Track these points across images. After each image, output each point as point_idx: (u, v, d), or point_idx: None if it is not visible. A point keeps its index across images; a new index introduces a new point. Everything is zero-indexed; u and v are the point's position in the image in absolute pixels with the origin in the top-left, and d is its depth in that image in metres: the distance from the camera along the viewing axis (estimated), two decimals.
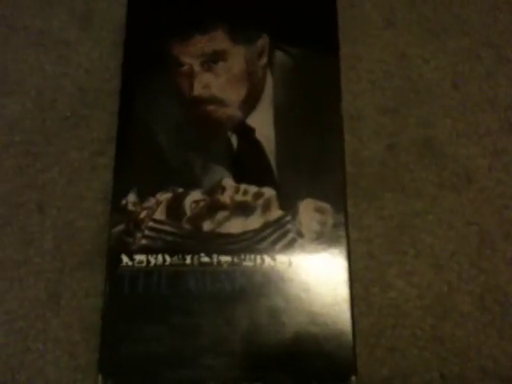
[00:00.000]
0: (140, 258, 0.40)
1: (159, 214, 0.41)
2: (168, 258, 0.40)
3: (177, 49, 0.43)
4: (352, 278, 0.40)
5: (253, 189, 0.41)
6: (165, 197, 0.41)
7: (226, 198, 0.41)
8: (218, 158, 0.42)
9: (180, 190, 0.41)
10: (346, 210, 0.41)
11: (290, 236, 0.40)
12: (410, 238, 0.43)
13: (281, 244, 0.40)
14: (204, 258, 0.40)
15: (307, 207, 0.40)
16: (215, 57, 0.43)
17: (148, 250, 0.40)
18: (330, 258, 0.40)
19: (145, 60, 0.44)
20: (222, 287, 0.39)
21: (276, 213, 0.40)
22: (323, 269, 0.39)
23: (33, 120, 0.46)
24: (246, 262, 0.39)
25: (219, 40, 0.43)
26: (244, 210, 0.40)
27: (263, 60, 0.44)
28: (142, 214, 0.40)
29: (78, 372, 0.40)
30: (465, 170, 0.44)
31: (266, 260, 0.40)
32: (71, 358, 0.40)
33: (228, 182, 0.41)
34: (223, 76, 0.43)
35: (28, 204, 0.44)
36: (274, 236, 0.40)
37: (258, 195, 0.41)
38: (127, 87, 0.43)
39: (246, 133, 0.42)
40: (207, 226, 0.40)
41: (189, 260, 0.40)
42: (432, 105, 0.46)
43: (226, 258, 0.40)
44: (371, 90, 0.46)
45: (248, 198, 0.41)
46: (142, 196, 0.41)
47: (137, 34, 0.45)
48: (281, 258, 0.40)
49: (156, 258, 0.40)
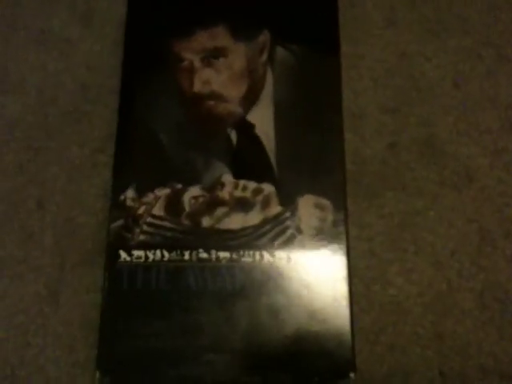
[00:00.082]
0: (138, 253, 0.40)
1: (158, 210, 0.41)
2: (166, 254, 0.40)
3: (177, 45, 0.43)
4: (351, 274, 0.40)
5: (252, 185, 0.41)
6: (163, 192, 0.41)
7: (225, 193, 0.41)
8: (217, 154, 0.42)
9: (179, 185, 0.41)
10: (346, 206, 0.41)
11: (289, 232, 0.40)
12: (411, 236, 0.42)
13: (280, 240, 0.40)
14: (203, 254, 0.40)
15: (307, 203, 0.40)
16: (216, 53, 0.43)
17: (146, 245, 0.40)
18: (330, 255, 0.40)
19: (145, 56, 0.44)
20: (220, 283, 0.39)
21: (275, 209, 0.40)
22: (322, 265, 0.39)
23: (34, 116, 0.46)
24: (244, 258, 0.39)
25: (220, 36, 0.43)
26: (243, 206, 0.40)
27: (264, 56, 0.44)
28: (141, 210, 0.40)
29: (77, 368, 0.40)
30: (465, 169, 0.44)
31: (265, 256, 0.39)
32: (70, 353, 0.40)
33: (227, 178, 0.41)
34: (224, 72, 0.43)
35: (28, 200, 0.44)
36: (274, 232, 0.40)
37: (257, 191, 0.41)
38: (127, 84, 0.44)
39: (245, 129, 0.42)
40: (206, 221, 0.40)
41: (187, 256, 0.39)
42: (433, 103, 0.46)
43: (225, 254, 0.39)
44: (373, 89, 0.46)
45: (247, 193, 0.41)
46: (141, 192, 0.41)
47: (137, 30, 0.45)
48: (280, 254, 0.39)
49: (154, 254, 0.40)
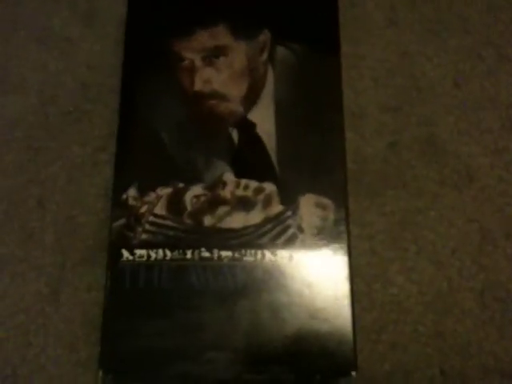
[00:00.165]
0: (140, 252, 0.40)
1: (160, 209, 0.41)
2: (168, 253, 0.40)
3: (178, 44, 0.43)
4: (353, 273, 0.40)
5: (253, 184, 0.41)
6: (165, 191, 0.41)
7: (226, 192, 0.41)
8: (218, 153, 0.42)
9: (180, 184, 0.41)
10: (347, 205, 0.41)
11: (290, 231, 0.40)
12: (412, 235, 0.43)
13: (282, 239, 0.40)
14: (205, 253, 0.40)
15: (308, 202, 0.40)
16: (216, 52, 0.43)
17: (148, 244, 0.40)
18: (331, 254, 0.40)
19: (146, 56, 0.44)
20: (222, 282, 0.39)
21: (277, 208, 0.40)
22: (324, 264, 0.39)
23: (35, 116, 0.46)
24: (246, 257, 0.39)
25: (221, 35, 0.43)
26: (245, 204, 0.40)
27: (264, 56, 0.44)
28: (143, 209, 0.40)
29: (79, 367, 0.40)
30: (466, 168, 0.44)
31: (267, 255, 0.39)
32: (72, 352, 0.40)
33: (229, 177, 0.41)
34: (224, 71, 0.43)
35: (29, 199, 0.44)
36: (275, 231, 0.40)
37: (258, 190, 0.41)
38: (128, 83, 0.44)
39: (247, 128, 0.42)
40: (208, 220, 0.40)
41: (189, 255, 0.40)
42: (434, 103, 0.46)
43: (227, 253, 0.40)
44: (373, 88, 0.46)
45: (249, 193, 0.41)
46: (143, 191, 0.41)
47: (138, 29, 0.45)
48: (281, 253, 0.39)
49: (156, 253, 0.40)
